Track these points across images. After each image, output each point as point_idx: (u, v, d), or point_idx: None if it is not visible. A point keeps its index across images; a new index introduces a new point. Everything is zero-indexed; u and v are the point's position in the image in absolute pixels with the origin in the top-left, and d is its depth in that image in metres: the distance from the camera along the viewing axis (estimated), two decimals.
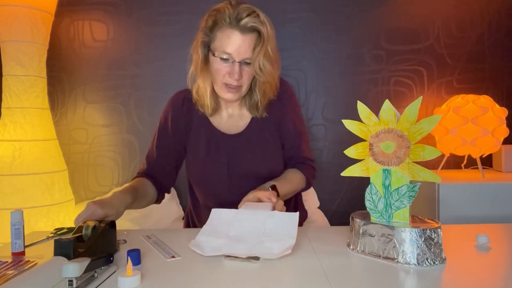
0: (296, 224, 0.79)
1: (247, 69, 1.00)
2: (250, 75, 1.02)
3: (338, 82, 2.05)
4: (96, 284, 0.60)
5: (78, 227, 0.71)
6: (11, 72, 1.67)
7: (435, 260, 0.68)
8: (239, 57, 0.97)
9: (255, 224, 0.80)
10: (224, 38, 0.97)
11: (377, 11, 2.05)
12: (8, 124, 1.66)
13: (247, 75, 1.01)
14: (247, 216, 0.81)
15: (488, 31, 2.06)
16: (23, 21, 1.65)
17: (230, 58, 0.98)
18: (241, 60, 0.98)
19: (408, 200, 0.73)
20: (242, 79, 1.00)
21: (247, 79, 1.02)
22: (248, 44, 0.97)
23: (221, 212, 0.85)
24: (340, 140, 2.01)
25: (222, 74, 1.00)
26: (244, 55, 0.97)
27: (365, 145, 0.77)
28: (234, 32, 0.96)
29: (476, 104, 1.68)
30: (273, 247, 0.74)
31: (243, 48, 0.97)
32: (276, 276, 0.64)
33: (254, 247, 0.75)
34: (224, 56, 0.98)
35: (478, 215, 1.59)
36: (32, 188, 1.63)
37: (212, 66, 1.02)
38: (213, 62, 1.01)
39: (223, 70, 0.99)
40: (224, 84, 1.01)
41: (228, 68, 0.98)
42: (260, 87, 1.05)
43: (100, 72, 2.06)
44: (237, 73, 0.98)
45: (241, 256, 0.71)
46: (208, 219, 0.84)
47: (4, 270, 0.68)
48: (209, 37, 1.02)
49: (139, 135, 2.06)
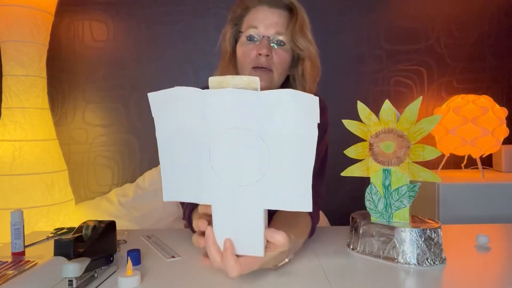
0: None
1: (279, 50, 0.85)
2: (283, 58, 0.85)
3: (338, 82, 2.05)
4: (96, 284, 0.60)
5: (78, 227, 0.71)
6: (11, 72, 1.67)
7: (435, 260, 0.68)
8: (268, 31, 0.83)
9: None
10: (251, 16, 0.86)
11: (377, 11, 2.05)
12: (8, 124, 1.66)
13: (279, 58, 0.84)
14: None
15: (488, 31, 2.06)
16: (23, 21, 1.65)
17: (257, 36, 0.84)
18: (270, 35, 0.83)
19: (408, 200, 0.73)
20: (273, 60, 0.84)
21: (279, 62, 0.85)
22: (278, 17, 0.84)
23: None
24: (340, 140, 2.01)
25: (250, 57, 0.84)
26: (273, 28, 0.83)
27: (365, 145, 0.77)
28: (262, 7, 0.85)
29: (476, 104, 1.68)
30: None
31: (272, 20, 0.83)
32: (276, 276, 0.64)
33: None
34: (251, 32, 0.84)
35: (478, 215, 1.59)
36: (32, 188, 1.63)
37: (239, 52, 0.87)
38: (240, 47, 0.87)
39: (250, 51, 0.84)
40: (252, 69, 0.84)
41: (256, 46, 0.83)
42: (300, 82, 0.90)
43: (100, 72, 2.06)
44: (266, 46, 0.82)
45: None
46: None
47: (4, 270, 0.68)
48: (237, 26, 0.90)
49: (139, 135, 2.06)
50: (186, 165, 0.54)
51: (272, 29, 0.84)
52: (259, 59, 0.83)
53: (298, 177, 0.49)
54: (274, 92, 0.48)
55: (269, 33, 0.84)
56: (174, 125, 0.54)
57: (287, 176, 0.50)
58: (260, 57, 0.82)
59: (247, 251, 0.54)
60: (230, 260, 0.53)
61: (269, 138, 0.50)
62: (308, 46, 0.86)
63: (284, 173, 0.50)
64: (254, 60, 0.83)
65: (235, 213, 0.53)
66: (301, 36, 0.84)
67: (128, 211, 1.87)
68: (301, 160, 0.49)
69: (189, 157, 0.54)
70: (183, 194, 0.55)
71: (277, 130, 0.49)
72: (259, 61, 0.83)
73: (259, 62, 0.83)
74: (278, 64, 0.84)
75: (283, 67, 0.86)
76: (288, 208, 0.51)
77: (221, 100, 0.50)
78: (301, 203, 0.50)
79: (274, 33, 0.84)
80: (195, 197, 0.54)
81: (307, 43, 0.85)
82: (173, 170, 0.55)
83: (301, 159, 0.49)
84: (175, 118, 0.54)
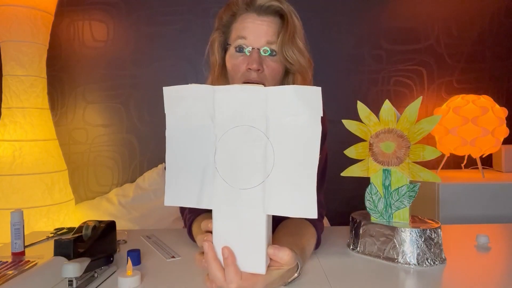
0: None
1: (270, 62, 0.79)
2: (275, 71, 0.80)
3: (338, 82, 2.05)
4: (96, 284, 0.60)
5: (78, 227, 0.71)
6: (11, 72, 1.67)
7: (435, 260, 0.68)
8: (257, 42, 0.78)
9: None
10: (239, 25, 0.80)
11: (377, 11, 2.05)
12: (8, 124, 1.66)
13: (271, 70, 0.79)
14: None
15: (488, 31, 2.06)
16: (23, 21, 1.65)
17: (246, 46, 0.78)
18: (260, 47, 0.78)
19: (408, 200, 0.73)
20: (264, 72, 0.78)
21: (271, 74, 0.79)
22: (267, 26, 0.78)
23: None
24: (340, 140, 2.01)
25: (240, 70, 0.79)
26: (263, 38, 0.78)
27: (365, 145, 0.77)
28: (249, 15, 0.79)
29: (476, 104, 1.68)
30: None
31: (261, 30, 0.78)
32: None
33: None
34: (240, 43, 0.79)
35: (478, 215, 1.59)
36: (32, 188, 1.63)
37: (229, 65, 0.82)
38: (229, 59, 0.81)
39: (240, 64, 0.79)
40: (243, 84, 0.77)
41: (246, 59, 0.78)
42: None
43: (100, 72, 2.06)
44: (256, 61, 0.76)
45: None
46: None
47: (4, 270, 0.68)
48: (225, 35, 0.84)
49: (139, 135, 2.06)
50: (191, 165, 0.53)
51: (262, 39, 0.78)
52: (250, 74, 0.78)
53: (302, 179, 0.48)
54: (278, 87, 0.48)
55: (259, 44, 0.78)
56: (184, 123, 0.53)
57: (292, 178, 0.48)
58: (251, 72, 0.77)
59: (248, 267, 0.51)
60: (230, 270, 0.49)
61: (274, 135, 0.49)
62: (298, 59, 0.80)
63: (289, 175, 0.48)
64: (244, 74, 0.79)
65: (237, 219, 0.50)
66: (291, 47, 0.78)
67: (128, 211, 1.87)
68: (305, 158, 0.48)
69: (195, 157, 0.53)
70: (185, 198, 0.53)
71: (281, 126, 0.49)
72: (250, 76, 0.78)
73: (249, 77, 0.78)
74: (270, 77, 0.79)
75: (275, 80, 0.81)
76: (292, 213, 0.48)
77: (228, 96, 0.50)
78: (305, 208, 0.48)
79: (265, 43, 0.78)
80: (196, 201, 0.52)
81: (297, 55, 0.79)
82: (177, 170, 0.54)
83: (306, 157, 0.48)
84: (187, 116, 0.53)
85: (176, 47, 2.04)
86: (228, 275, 0.50)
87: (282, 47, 0.78)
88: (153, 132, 2.05)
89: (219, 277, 0.50)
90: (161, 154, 2.03)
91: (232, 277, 0.49)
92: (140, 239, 0.88)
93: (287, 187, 0.49)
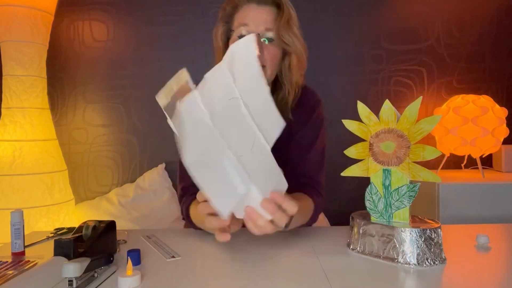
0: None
1: (269, 46, 0.89)
2: (274, 54, 0.90)
3: (338, 82, 2.05)
4: (96, 284, 0.60)
5: (78, 227, 0.71)
6: (11, 72, 1.67)
7: (435, 260, 0.68)
8: (258, 28, 0.87)
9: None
10: (241, 14, 0.90)
11: (377, 11, 2.05)
12: (8, 124, 1.66)
13: (271, 54, 0.89)
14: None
15: (488, 31, 2.06)
16: (23, 21, 1.65)
17: (248, 33, 0.87)
18: (261, 32, 0.88)
19: (408, 200, 0.73)
20: (264, 56, 0.88)
21: (271, 58, 0.89)
22: (266, 14, 0.88)
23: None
24: (340, 140, 2.01)
25: None
26: (263, 25, 0.88)
27: (365, 145, 0.77)
28: (250, 5, 0.90)
29: (476, 104, 1.68)
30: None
31: (261, 17, 0.88)
32: (276, 276, 0.64)
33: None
34: (242, 32, 0.88)
35: (478, 215, 1.59)
36: (32, 188, 1.63)
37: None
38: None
39: None
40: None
41: None
42: (286, 75, 0.94)
43: (100, 72, 2.06)
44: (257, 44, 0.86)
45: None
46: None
47: (4, 270, 0.68)
48: (228, 24, 0.94)
49: (139, 135, 2.06)
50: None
51: (262, 26, 0.88)
52: None
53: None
54: (226, 55, 0.59)
55: (259, 30, 0.88)
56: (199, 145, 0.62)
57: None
58: None
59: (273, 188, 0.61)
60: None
61: (245, 96, 0.59)
62: (294, 41, 0.89)
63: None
64: None
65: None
66: (287, 31, 0.88)
67: (128, 211, 1.87)
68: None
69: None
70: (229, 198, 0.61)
71: (242, 86, 0.59)
72: None
73: None
74: (269, 60, 0.89)
75: (274, 63, 0.91)
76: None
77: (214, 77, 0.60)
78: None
79: (264, 30, 0.88)
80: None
81: (293, 38, 0.89)
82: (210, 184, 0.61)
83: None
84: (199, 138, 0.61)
85: (176, 47, 2.04)
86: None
87: (278, 31, 0.88)
88: (153, 132, 2.05)
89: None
90: (161, 154, 2.04)
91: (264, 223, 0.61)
92: (140, 239, 0.88)
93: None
